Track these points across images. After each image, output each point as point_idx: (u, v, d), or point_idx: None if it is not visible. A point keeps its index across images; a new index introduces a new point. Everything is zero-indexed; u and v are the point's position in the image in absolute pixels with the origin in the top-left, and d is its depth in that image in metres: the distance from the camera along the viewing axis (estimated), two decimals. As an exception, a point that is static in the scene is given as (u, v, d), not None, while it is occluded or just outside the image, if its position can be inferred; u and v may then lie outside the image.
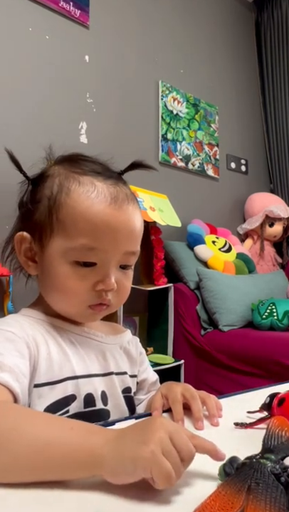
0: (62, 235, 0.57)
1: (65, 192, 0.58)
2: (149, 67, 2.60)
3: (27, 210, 0.62)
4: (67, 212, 0.57)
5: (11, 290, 1.71)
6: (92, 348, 0.64)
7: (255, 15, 3.40)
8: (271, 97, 3.28)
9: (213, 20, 3.06)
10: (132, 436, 0.39)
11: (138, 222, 0.61)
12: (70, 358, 0.59)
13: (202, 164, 2.82)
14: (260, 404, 0.57)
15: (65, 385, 0.57)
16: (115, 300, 0.61)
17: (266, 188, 3.29)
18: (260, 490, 0.32)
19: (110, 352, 0.66)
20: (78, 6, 2.21)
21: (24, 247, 0.62)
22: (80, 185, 0.58)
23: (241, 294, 2.30)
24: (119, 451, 0.38)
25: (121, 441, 0.39)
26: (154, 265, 2.17)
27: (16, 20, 1.99)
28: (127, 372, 0.68)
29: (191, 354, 2.18)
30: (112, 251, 0.58)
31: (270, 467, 0.34)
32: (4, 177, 1.77)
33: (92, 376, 0.61)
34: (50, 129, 2.03)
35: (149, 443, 0.37)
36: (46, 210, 0.59)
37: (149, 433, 0.38)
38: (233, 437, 0.53)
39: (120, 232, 0.58)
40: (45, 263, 0.59)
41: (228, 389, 1.05)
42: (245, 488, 0.33)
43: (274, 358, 1.84)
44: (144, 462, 0.36)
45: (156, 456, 0.36)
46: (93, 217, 0.56)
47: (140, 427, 0.41)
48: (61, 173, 0.60)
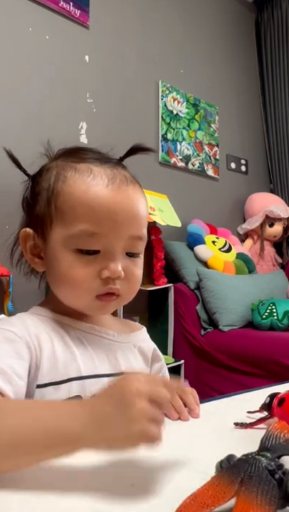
0: (61, 223, 0.56)
1: (62, 180, 0.57)
2: (149, 67, 2.60)
3: (28, 206, 0.62)
4: (64, 199, 0.56)
5: (11, 290, 1.71)
6: (103, 347, 0.61)
7: (255, 15, 3.40)
8: (271, 97, 3.28)
9: (213, 20, 3.06)
10: (112, 415, 0.37)
11: (140, 205, 0.58)
12: (76, 357, 0.57)
13: (202, 164, 2.82)
14: (260, 404, 0.57)
15: (69, 386, 0.56)
16: (125, 289, 0.58)
17: (266, 188, 3.29)
18: (253, 482, 0.32)
19: (122, 351, 0.63)
20: (78, 6, 2.21)
21: (29, 245, 0.61)
22: (76, 172, 0.57)
23: (241, 294, 2.30)
24: (102, 434, 0.38)
25: (103, 424, 0.38)
26: (154, 265, 2.17)
27: (16, 21, 1.99)
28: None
29: (191, 354, 2.18)
30: (114, 236, 0.55)
31: (265, 463, 0.35)
32: (4, 177, 1.78)
33: (100, 376, 0.59)
34: (50, 129, 2.03)
35: (134, 421, 0.37)
36: (45, 201, 0.58)
37: (130, 407, 0.37)
38: (233, 437, 0.53)
39: (120, 214, 0.55)
40: (49, 256, 0.58)
41: (228, 389, 1.05)
42: (238, 480, 0.33)
43: (274, 358, 1.84)
44: (134, 441, 0.37)
45: (145, 432, 0.36)
46: (90, 200, 0.54)
47: (116, 398, 0.38)
48: (59, 165, 0.59)
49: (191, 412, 0.58)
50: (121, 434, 0.37)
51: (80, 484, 0.38)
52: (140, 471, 0.41)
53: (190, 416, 0.57)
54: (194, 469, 0.40)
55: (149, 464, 0.43)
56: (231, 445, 0.46)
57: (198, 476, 0.40)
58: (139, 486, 0.37)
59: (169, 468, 0.42)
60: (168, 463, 0.43)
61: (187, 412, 0.58)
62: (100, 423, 0.38)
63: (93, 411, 0.39)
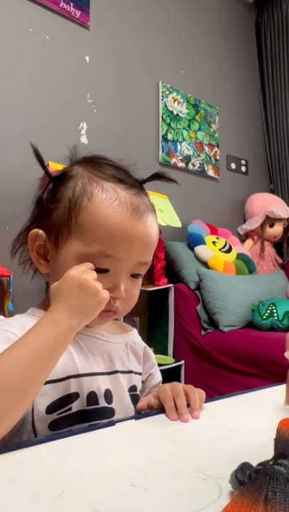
0: (79, 239, 0.57)
1: (88, 197, 0.58)
2: (149, 67, 2.60)
3: (43, 207, 0.62)
4: (87, 217, 0.57)
5: (11, 290, 1.71)
6: (97, 347, 0.64)
7: (255, 15, 3.40)
8: (271, 97, 3.28)
9: (214, 20, 3.06)
10: (77, 300, 0.52)
11: (155, 234, 0.62)
12: (73, 356, 0.59)
13: (202, 165, 2.82)
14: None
15: (67, 383, 0.58)
16: (122, 307, 0.62)
17: (266, 188, 3.29)
18: (278, 499, 0.31)
19: (116, 351, 0.66)
20: (78, 7, 2.21)
21: (37, 244, 0.62)
22: (103, 192, 0.58)
23: (241, 294, 2.30)
24: (81, 317, 0.52)
25: (77, 312, 0.52)
26: (154, 265, 2.17)
27: (16, 21, 1.99)
28: (132, 371, 0.68)
29: (192, 354, 2.18)
30: (127, 260, 0.58)
31: (285, 474, 0.33)
32: (6, 179, 1.78)
33: (96, 375, 0.61)
34: (51, 129, 2.04)
35: (91, 295, 0.52)
36: (66, 212, 0.59)
37: (84, 288, 0.52)
38: (233, 437, 0.53)
39: (137, 243, 0.58)
40: (59, 264, 0.59)
41: (229, 389, 1.05)
42: (262, 498, 0.31)
43: (274, 358, 1.84)
44: (101, 303, 0.53)
45: (102, 297, 0.53)
46: (113, 226, 0.56)
47: (68, 289, 0.52)
48: (84, 175, 0.60)
49: (191, 411, 0.58)
50: (89, 308, 0.53)
51: (80, 484, 0.38)
52: (140, 471, 0.41)
53: (190, 416, 0.57)
54: (194, 469, 0.40)
55: (149, 464, 0.43)
56: (231, 445, 0.46)
57: (198, 476, 0.40)
58: (139, 486, 0.37)
59: (169, 468, 0.42)
60: (168, 463, 0.43)
61: (189, 411, 0.58)
62: (72, 309, 0.52)
63: (67, 308, 0.52)
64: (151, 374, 0.74)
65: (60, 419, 0.56)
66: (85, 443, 0.48)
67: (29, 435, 0.54)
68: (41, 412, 0.55)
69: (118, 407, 0.63)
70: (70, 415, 0.57)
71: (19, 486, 0.38)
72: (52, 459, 0.44)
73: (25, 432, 0.54)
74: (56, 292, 0.53)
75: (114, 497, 0.36)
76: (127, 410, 0.64)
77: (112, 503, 0.36)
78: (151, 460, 0.44)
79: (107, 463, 0.43)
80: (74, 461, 0.43)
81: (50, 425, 0.55)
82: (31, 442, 0.48)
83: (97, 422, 0.59)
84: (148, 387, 0.74)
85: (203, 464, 0.40)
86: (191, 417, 0.57)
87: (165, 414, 0.58)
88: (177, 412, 0.57)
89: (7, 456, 0.44)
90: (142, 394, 0.72)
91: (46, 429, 0.55)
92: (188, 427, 0.55)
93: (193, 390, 0.61)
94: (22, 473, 0.40)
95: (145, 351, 0.74)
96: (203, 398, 0.61)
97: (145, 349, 0.74)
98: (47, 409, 0.55)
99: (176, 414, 0.57)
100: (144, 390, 0.73)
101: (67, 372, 0.58)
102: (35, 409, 0.54)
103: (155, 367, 0.76)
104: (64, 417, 0.56)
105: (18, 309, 0.61)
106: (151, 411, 0.61)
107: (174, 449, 0.47)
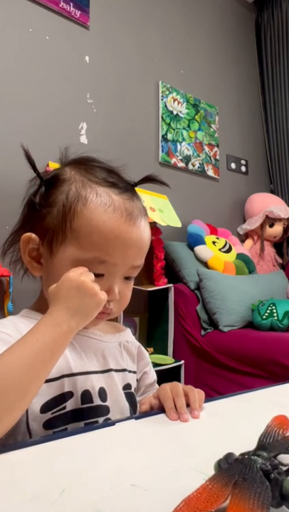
0: (74, 244, 0.58)
1: (82, 202, 0.58)
2: (149, 67, 2.60)
3: (35, 210, 0.62)
4: (82, 223, 0.57)
5: (11, 290, 1.71)
6: (91, 347, 0.64)
7: (255, 15, 3.40)
8: (271, 97, 3.28)
9: (214, 20, 3.06)
10: (76, 301, 0.53)
11: (147, 238, 0.63)
12: (67, 356, 0.60)
13: (202, 165, 2.83)
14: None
15: (61, 382, 0.58)
16: (116, 308, 0.63)
17: (266, 188, 3.29)
18: (246, 485, 0.32)
19: (109, 350, 0.67)
20: (78, 7, 2.21)
21: (30, 248, 0.62)
22: (97, 197, 0.58)
23: (241, 294, 2.30)
24: (80, 318, 0.53)
25: (76, 314, 0.52)
26: (154, 265, 2.17)
27: (16, 21, 1.99)
28: (126, 369, 0.69)
29: (191, 354, 2.18)
30: (121, 265, 0.60)
31: (259, 464, 0.34)
32: (5, 179, 1.78)
33: (90, 373, 0.62)
34: (51, 129, 2.04)
35: (90, 297, 0.53)
36: (60, 216, 0.59)
37: (82, 290, 0.53)
38: (233, 437, 0.53)
39: (132, 248, 0.60)
40: (53, 268, 0.59)
41: (228, 389, 1.06)
42: (232, 483, 0.33)
43: (274, 358, 1.84)
44: (100, 304, 0.54)
45: (100, 298, 0.54)
46: (108, 232, 0.57)
47: (66, 291, 0.53)
48: (77, 179, 0.60)
49: (191, 411, 0.58)
50: (88, 309, 0.53)
51: (80, 484, 0.38)
52: (140, 471, 0.41)
53: (190, 416, 0.57)
54: (194, 469, 0.40)
55: (149, 464, 0.43)
56: (231, 445, 0.46)
57: (198, 476, 0.40)
58: (139, 486, 0.37)
59: (168, 468, 0.42)
60: (168, 463, 0.43)
61: (189, 411, 0.58)
62: (72, 312, 0.52)
63: (67, 311, 0.52)
64: (146, 372, 0.75)
65: (55, 418, 0.56)
66: (85, 443, 0.48)
67: (24, 435, 0.54)
68: (36, 411, 0.55)
69: (113, 405, 0.63)
70: (65, 414, 0.57)
71: (19, 486, 0.38)
72: (52, 458, 0.44)
73: (19, 433, 0.54)
74: (55, 294, 0.54)
75: (114, 497, 0.36)
76: (121, 408, 0.64)
77: (112, 503, 0.36)
78: (151, 460, 0.44)
79: (107, 463, 0.43)
80: (74, 461, 0.43)
81: (44, 424, 0.55)
82: (31, 442, 0.48)
83: (93, 420, 0.59)
84: (143, 385, 0.74)
85: (203, 464, 0.40)
86: (191, 416, 0.57)
87: (165, 414, 0.58)
88: (177, 412, 0.57)
89: (7, 456, 0.44)
90: (137, 392, 0.73)
91: (41, 429, 0.55)
92: (188, 427, 0.55)
93: (192, 390, 0.61)
94: (22, 473, 0.40)
95: (139, 350, 0.74)
96: (203, 398, 0.62)
97: (139, 348, 0.74)
98: (41, 409, 0.55)
99: (176, 414, 0.57)
100: (139, 389, 0.74)
101: (60, 372, 0.58)
102: (29, 409, 0.54)
103: (149, 365, 0.76)
104: (58, 416, 0.57)
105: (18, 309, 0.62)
106: (152, 411, 0.61)
107: (174, 449, 0.47)
